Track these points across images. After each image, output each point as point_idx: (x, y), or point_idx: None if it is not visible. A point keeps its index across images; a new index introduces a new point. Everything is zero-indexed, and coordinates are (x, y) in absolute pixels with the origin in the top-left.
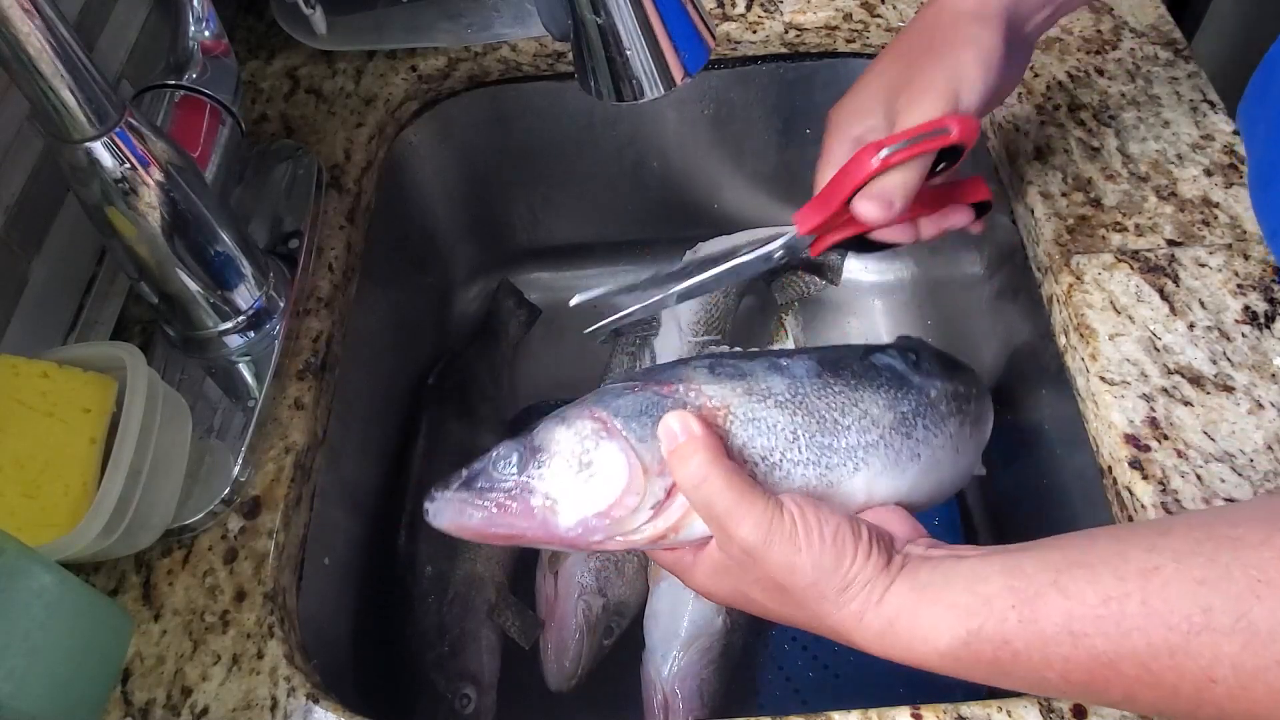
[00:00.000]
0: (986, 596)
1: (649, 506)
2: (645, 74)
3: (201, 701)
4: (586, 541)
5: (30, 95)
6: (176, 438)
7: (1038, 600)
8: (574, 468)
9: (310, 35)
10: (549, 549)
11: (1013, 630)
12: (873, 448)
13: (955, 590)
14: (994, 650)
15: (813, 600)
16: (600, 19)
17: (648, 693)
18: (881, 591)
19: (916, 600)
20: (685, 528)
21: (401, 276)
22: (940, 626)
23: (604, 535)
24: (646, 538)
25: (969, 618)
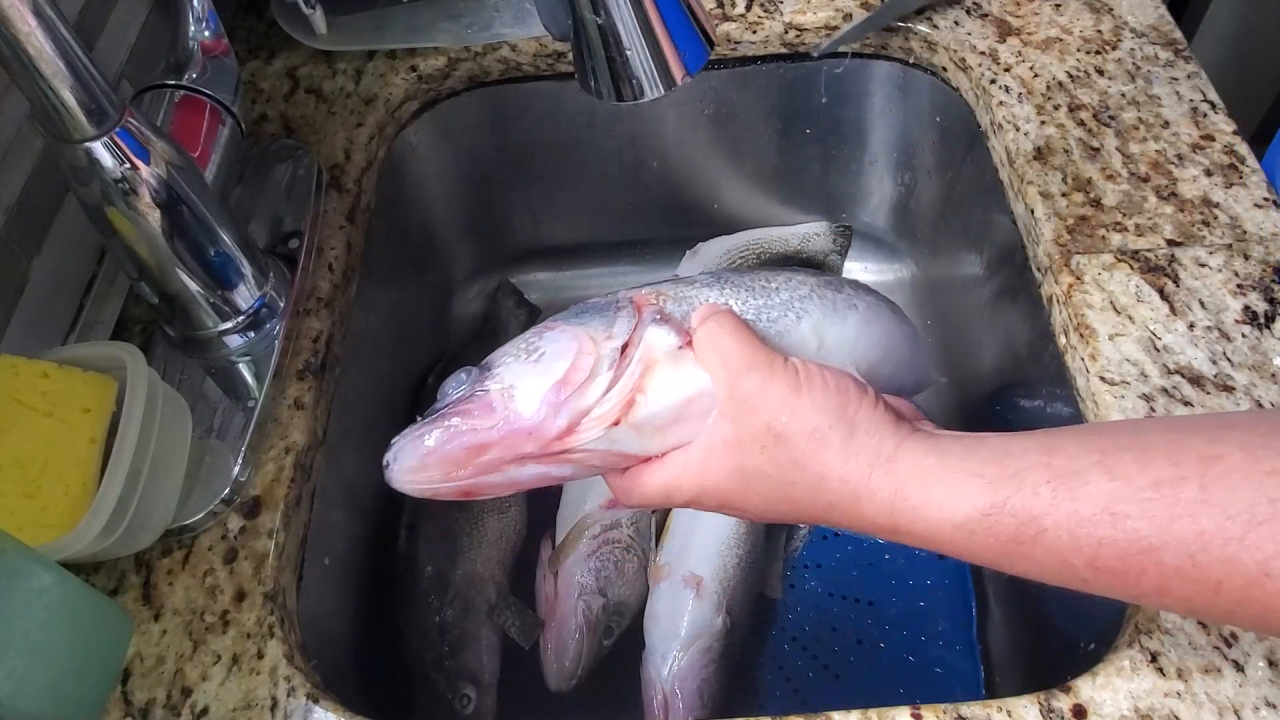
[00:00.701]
0: (1017, 469)
1: (606, 368)
2: (645, 74)
3: (201, 701)
4: (556, 427)
5: (30, 95)
6: (176, 438)
7: (1077, 478)
8: (524, 356)
9: (310, 35)
10: (534, 475)
11: (1044, 506)
12: (806, 299)
13: (980, 460)
14: (1017, 526)
15: (814, 454)
16: (600, 19)
17: (648, 693)
18: (893, 447)
19: (934, 465)
20: (650, 391)
21: (401, 276)
22: (960, 494)
23: (569, 416)
24: (614, 406)
25: (994, 488)
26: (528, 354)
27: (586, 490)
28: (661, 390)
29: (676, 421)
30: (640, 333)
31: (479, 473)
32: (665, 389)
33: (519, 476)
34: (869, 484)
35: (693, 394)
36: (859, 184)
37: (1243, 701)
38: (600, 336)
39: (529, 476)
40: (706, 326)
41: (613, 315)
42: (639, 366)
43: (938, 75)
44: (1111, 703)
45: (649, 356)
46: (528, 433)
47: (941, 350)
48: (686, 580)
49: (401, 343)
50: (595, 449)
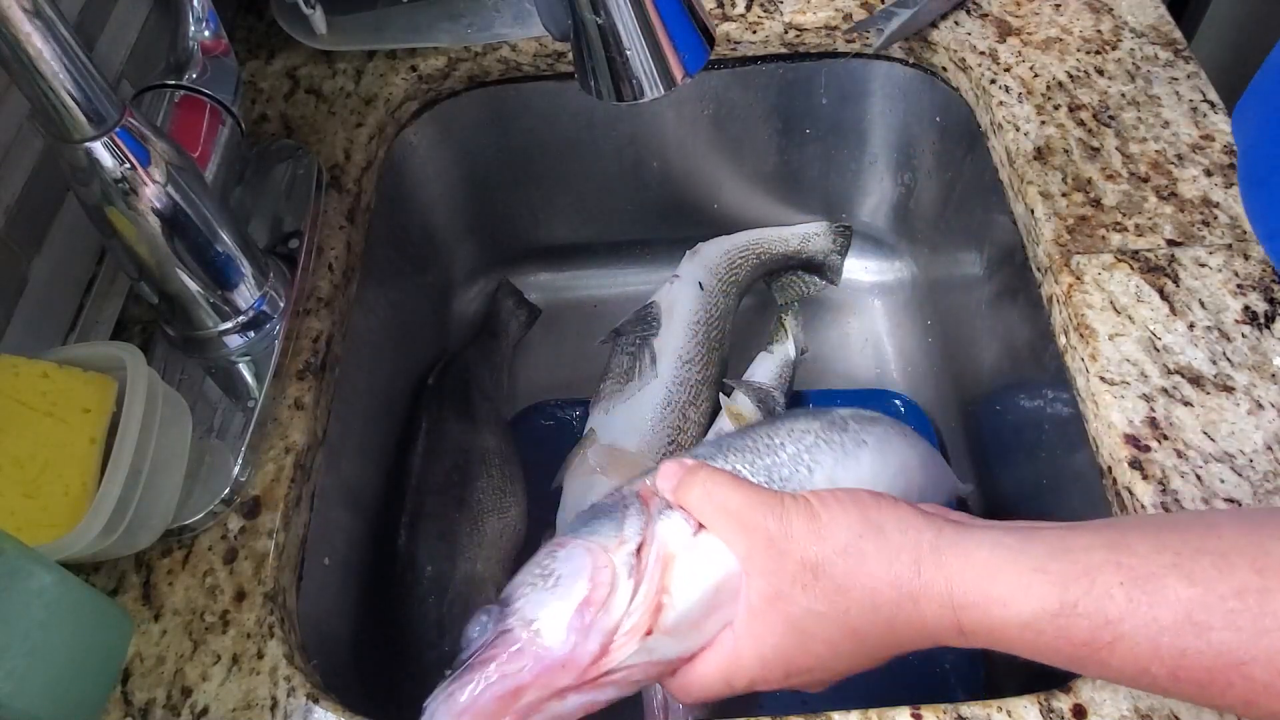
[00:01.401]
0: (1087, 567)
1: (625, 576)
2: (645, 74)
3: (201, 701)
4: (589, 653)
5: (30, 95)
6: (176, 438)
7: (1153, 581)
8: (541, 585)
9: (310, 35)
10: (579, 705)
11: (1119, 610)
12: (814, 448)
13: (1040, 554)
14: (1091, 630)
15: (856, 570)
16: (600, 19)
17: (648, 693)
18: (933, 537)
19: (988, 559)
20: (675, 589)
21: (401, 276)
22: (1025, 592)
23: (601, 637)
24: (643, 616)
25: (1063, 588)
26: (544, 581)
27: (586, 490)
28: (686, 584)
29: (712, 611)
30: (652, 529)
31: (520, 717)
32: (690, 581)
33: (563, 710)
34: (920, 580)
35: (721, 578)
36: (859, 184)
37: None
38: (613, 544)
39: (574, 707)
40: (697, 491)
41: (621, 517)
42: (658, 566)
43: (938, 75)
44: (1111, 703)
45: (665, 552)
46: (561, 665)
47: (941, 350)
48: None
49: (401, 343)
50: (635, 663)
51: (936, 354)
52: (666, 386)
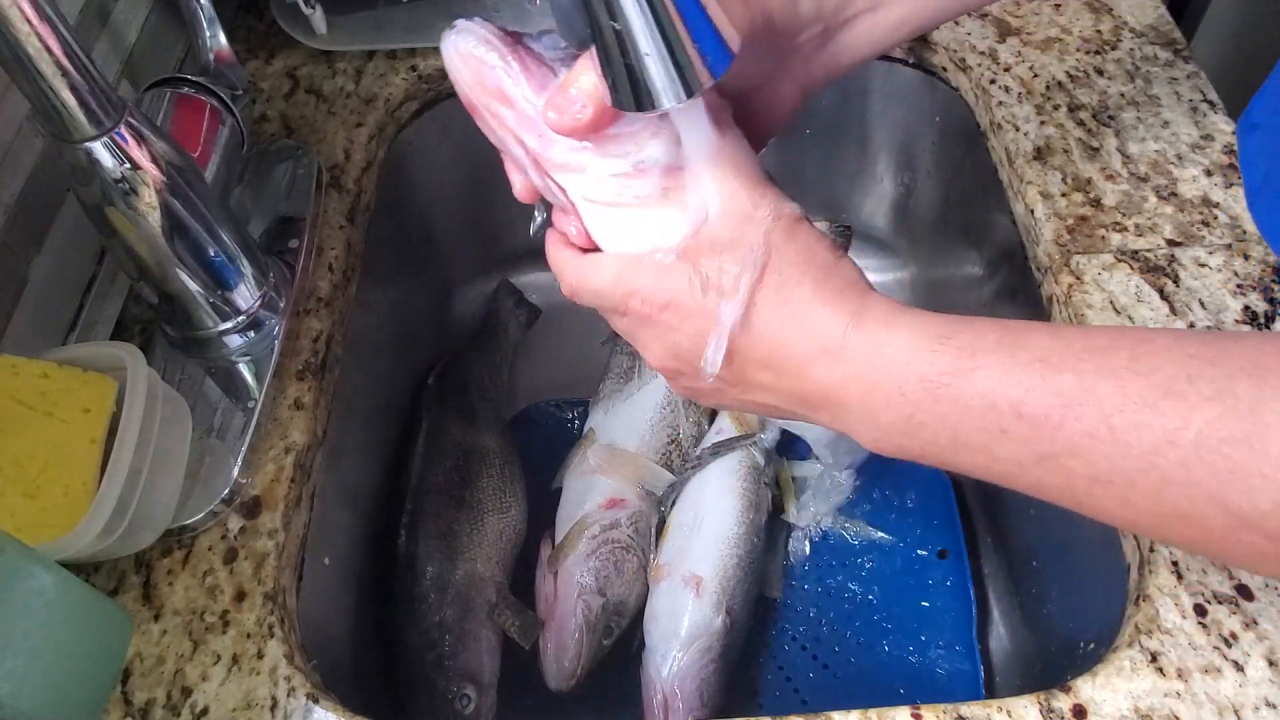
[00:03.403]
0: (972, 320)
1: (645, 159)
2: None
3: (201, 701)
4: (557, 151)
5: (30, 95)
6: (176, 438)
7: (1024, 332)
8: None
9: (310, 35)
10: (513, 144)
11: (986, 345)
12: None
13: (940, 317)
14: (955, 358)
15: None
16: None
17: (648, 693)
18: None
19: (898, 312)
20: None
21: (401, 276)
22: (916, 322)
23: (574, 151)
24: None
25: (947, 323)
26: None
27: (587, 490)
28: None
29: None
30: (677, 179)
31: (490, 107)
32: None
33: (510, 146)
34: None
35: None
36: (859, 184)
37: (1243, 701)
38: (666, 135)
39: (516, 153)
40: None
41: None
42: (658, 186)
43: (938, 75)
44: (1111, 703)
45: (670, 183)
46: (539, 131)
47: None
48: (686, 580)
49: (401, 343)
50: (569, 188)
51: None
52: (666, 386)
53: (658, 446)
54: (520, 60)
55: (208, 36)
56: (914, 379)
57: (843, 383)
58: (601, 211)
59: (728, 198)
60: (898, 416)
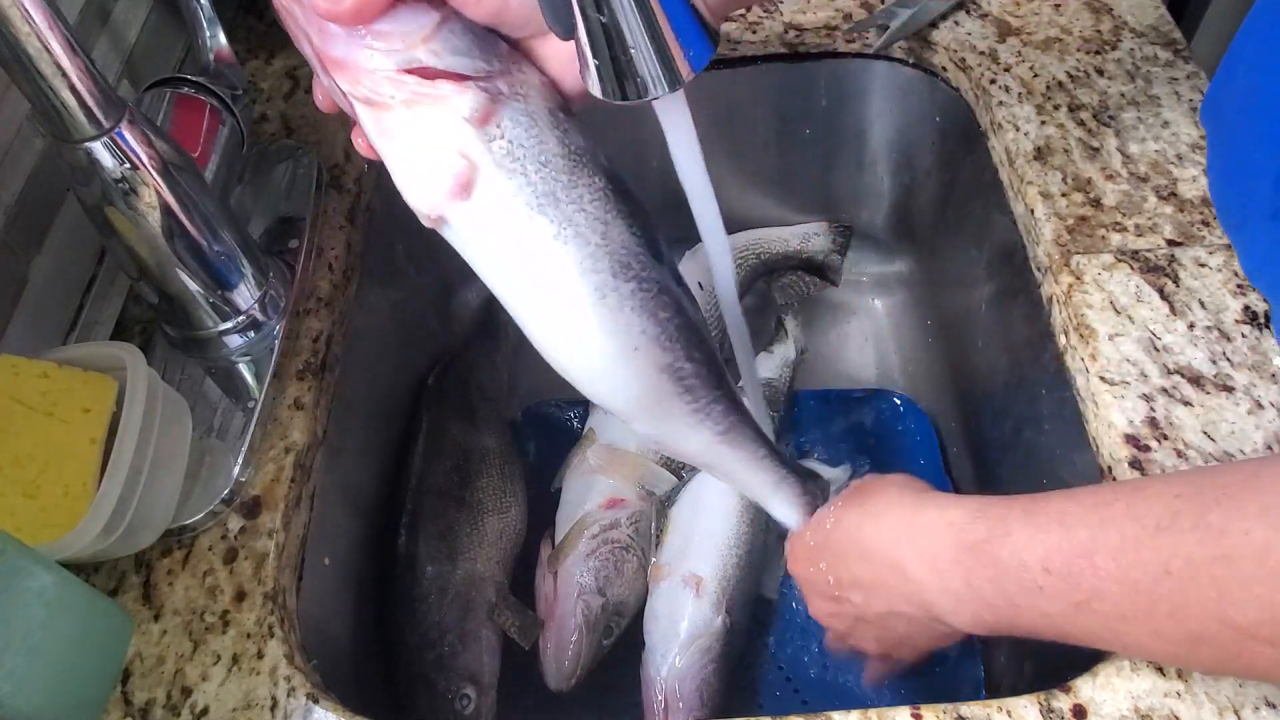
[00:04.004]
0: (1001, 498)
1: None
2: (650, 73)
3: (201, 701)
4: (340, 49)
5: (30, 95)
6: (176, 438)
7: (1044, 499)
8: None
9: None
10: (299, 35)
11: (1015, 515)
12: None
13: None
14: (988, 530)
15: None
16: (604, 17)
17: (648, 693)
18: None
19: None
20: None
21: (401, 276)
22: (948, 505)
23: (355, 50)
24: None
25: (977, 502)
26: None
27: (586, 490)
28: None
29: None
30: (454, 86)
31: (284, 4)
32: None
33: (303, 47)
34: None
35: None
36: (859, 184)
37: (1243, 701)
38: (436, 48)
39: (308, 54)
40: None
41: (470, 55)
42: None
43: (938, 75)
44: (1111, 703)
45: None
46: (320, 26)
47: (941, 350)
48: (686, 580)
49: (401, 343)
50: (344, 84)
51: (936, 354)
52: None
53: None
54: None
55: (208, 36)
56: (962, 547)
57: (915, 560)
58: (371, 114)
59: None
60: (961, 585)
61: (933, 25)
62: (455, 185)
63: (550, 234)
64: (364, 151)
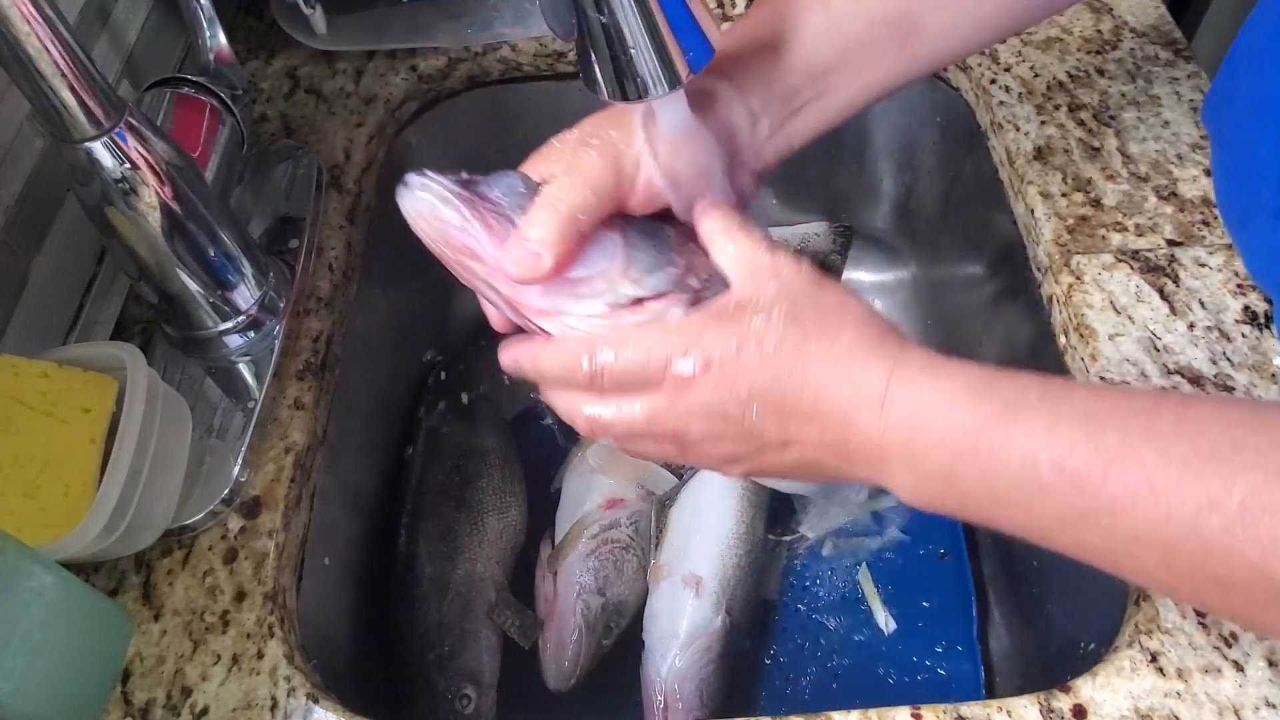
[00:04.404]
0: (1013, 373)
1: (606, 301)
2: (650, 73)
3: (201, 701)
4: (531, 299)
5: (30, 95)
6: (176, 438)
7: (1066, 389)
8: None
9: (310, 35)
10: (486, 289)
11: (1030, 399)
12: None
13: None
14: (1001, 406)
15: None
16: (604, 18)
17: (648, 693)
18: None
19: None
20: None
21: (401, 276)
22: (957, 371)
23: (550, 304)
24: (584, 332)
25: (988, 373)
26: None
27: (586, 490)
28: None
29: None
30: (663, 303)
31: (459, 261)
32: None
33: (485, 293)
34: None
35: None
36: (859, 184)
37: (1243, 701)
38: (635, 275)
39: (493, 299)
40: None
41: (661, 267)
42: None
43: (938, 75)
44: (1111, 703)
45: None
46: (509, 281)
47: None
48: (686, 580)
49: (401, 343)
50: (552, 330)
51: None
52: None
53: None
54: (479, 217)
55: (208, 36)
56: (956, 428)
57: (885, 432)
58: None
59: (745, 259)
60: (936, 466)
61: None
62: None
63: None
64: (501, 329)
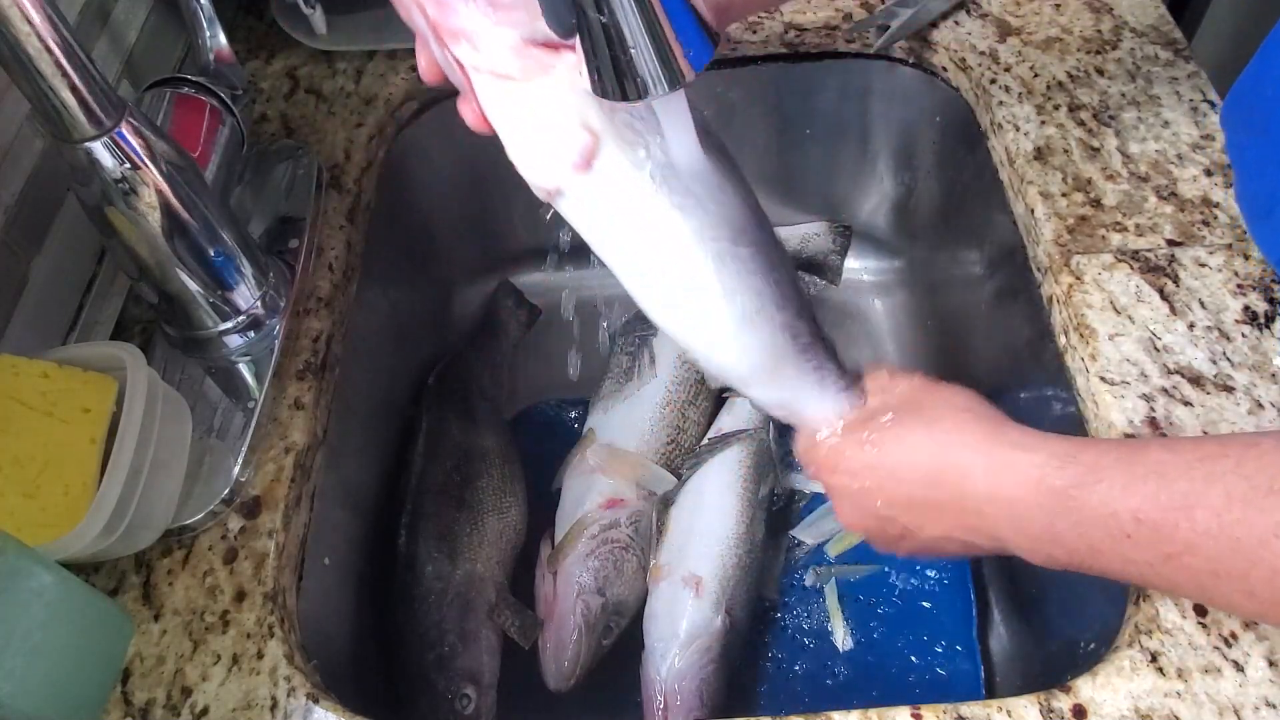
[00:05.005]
0: (1091, 442)
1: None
2: (650, 73)
3: (201, 701)
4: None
5: (30, 95)
6: (176, 438)
7: (1139, 448)
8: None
9: (310, 35)
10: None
11: (1106, 462)
12: None
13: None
14: (1080, 473)
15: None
16: (605, 18)
17: (647, 693)
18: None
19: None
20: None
21: (401, 276)
22: (1038, 445)
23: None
24: (495, 65)
25: (1069, 445)
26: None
27: (586, 490)
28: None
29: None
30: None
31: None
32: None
33: (414, 19)
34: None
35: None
36: (859, 184)
37: (1243, 701)
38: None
39: (419, 26)
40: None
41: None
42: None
43: (938, 75)
44: (1111, 703)
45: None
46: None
47: (941, 350)
48: (686, 580)
49: (401, 343)
50: (463, 59)
51: (936, 354)
52: (666, 386)
53: (658, 446)
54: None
55: (208, 36)
56: (1047, 492)
57: (991, 497)
58: (491, 85)
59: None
60: (1040, 528)
61: (933, 25)
62: (577, 157)
63: (671, 203)
64: (474, 124)
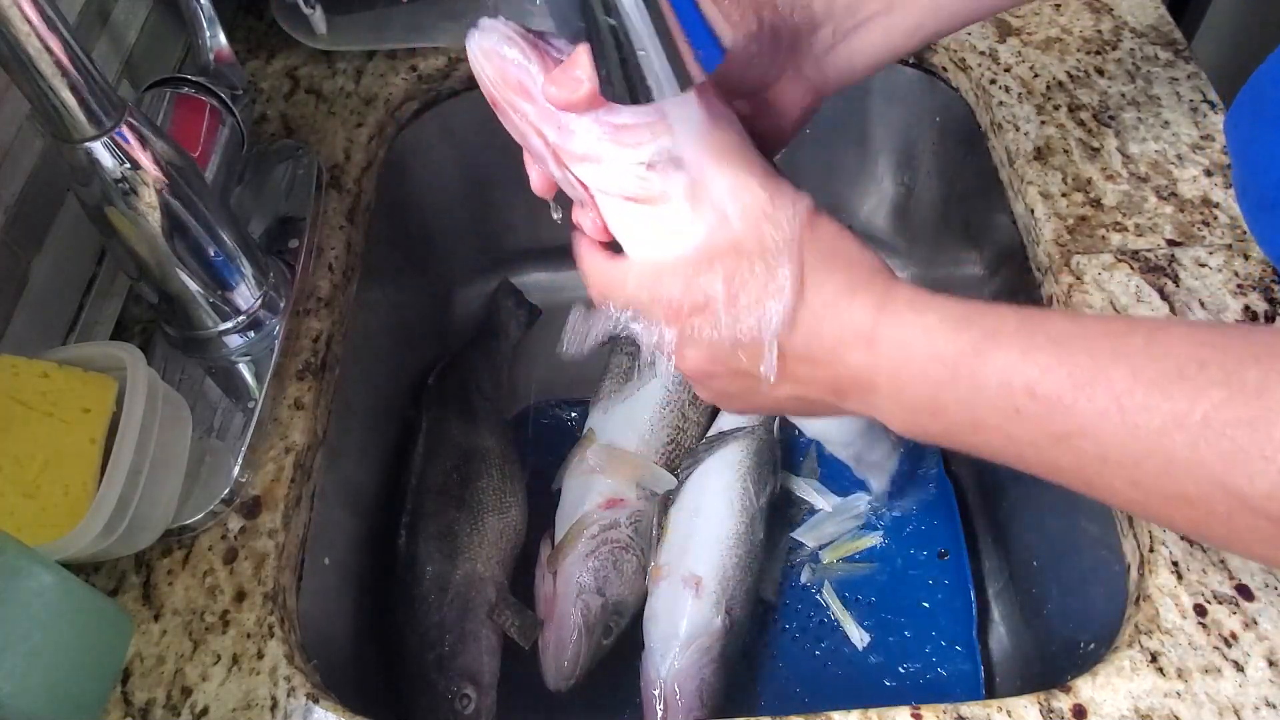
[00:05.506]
0: (993, 304)
1: (651, 153)
2: (660, 75)
3: (201, 701)
4: (577, 140)
5: (30, 95)
6: (176, 438)
7: (1042, 317)
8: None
9: (310, 35)
10: (531, 135)
11: (1008, 328)
12: None
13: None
14: (979, 336)
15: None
16: (613, 20)
17: (647, 693)
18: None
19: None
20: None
21: (401, 276)
22: (936, 303)
23: (595, 142)
24: (622, 178)
25: (967, 305)
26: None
27: (586, 490)
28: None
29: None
30: (689, 174)
31: (511, 103)
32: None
33: (532, 142)
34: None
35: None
36: (859, 184)
37: (1243, 701)
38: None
39: (539, 149)
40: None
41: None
42: (675, 181)
43: (938, 75)
44: (1111, 703)
45: (684, 180)
46: (558, 123)
47: None
48: (686, 580)
49: (401, 343)
50: (587, 180)
51: None
52: (665, 386)
53: (658, 446)
54: (540, 56)
55: (208, 36)
56: (936, 360)
57: (873, 367)
58: (617, 204)
59: (742, 195)
60: (921, 397)
61: None
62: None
63: None
64: (594, 233)
